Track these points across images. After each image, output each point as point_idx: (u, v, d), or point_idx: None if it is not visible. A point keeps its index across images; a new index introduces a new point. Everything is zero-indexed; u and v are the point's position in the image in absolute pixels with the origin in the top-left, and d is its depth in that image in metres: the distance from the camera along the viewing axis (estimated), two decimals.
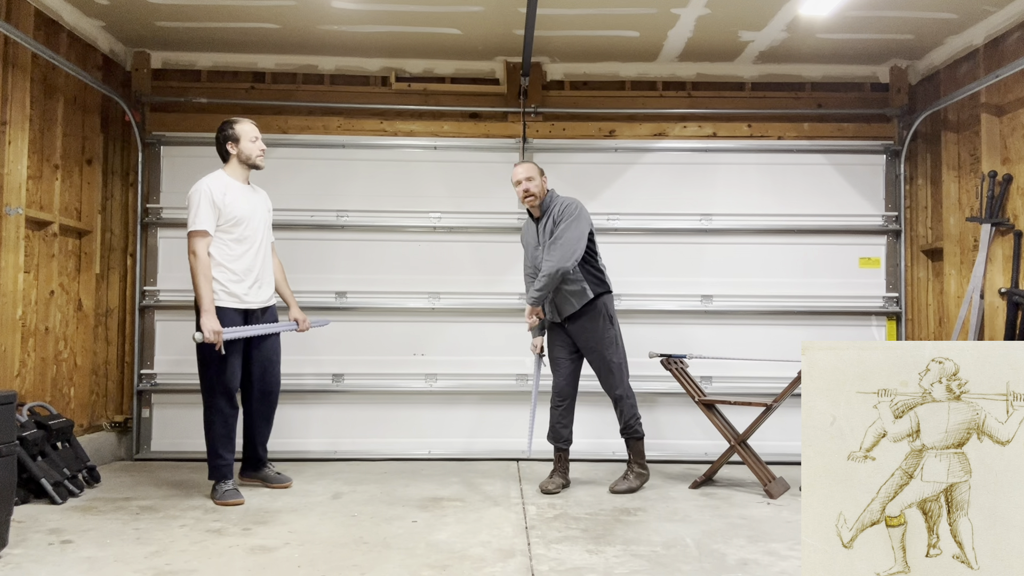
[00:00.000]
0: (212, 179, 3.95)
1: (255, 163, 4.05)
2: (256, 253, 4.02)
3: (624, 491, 4.18)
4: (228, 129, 4.01)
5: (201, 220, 3.83)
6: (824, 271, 5.36)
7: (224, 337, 3.83)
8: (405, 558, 3.01)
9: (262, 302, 4.09)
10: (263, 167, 4.11)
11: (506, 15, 4.65)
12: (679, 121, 5.45)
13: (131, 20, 4.78)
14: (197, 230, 3.83)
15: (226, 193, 3.92)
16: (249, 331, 3.97)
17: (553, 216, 4.20)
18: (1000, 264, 4.47)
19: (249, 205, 4.02)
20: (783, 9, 4.52)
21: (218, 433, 3.96)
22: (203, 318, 3.77)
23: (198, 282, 3.80)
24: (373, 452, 5.20)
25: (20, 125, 4.10)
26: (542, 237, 4.24)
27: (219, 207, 3.88)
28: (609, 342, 4.24)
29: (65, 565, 2.91)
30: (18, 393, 3.87)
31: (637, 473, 4.27)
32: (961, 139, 4.92)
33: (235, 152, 4.01)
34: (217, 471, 3.97)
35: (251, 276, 4.00)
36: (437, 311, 5.31)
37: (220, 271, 3.89)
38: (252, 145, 4.01)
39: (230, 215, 3.90)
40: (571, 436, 4.38)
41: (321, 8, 4.56)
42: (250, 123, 4.06)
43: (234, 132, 4.00)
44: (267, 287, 4.14)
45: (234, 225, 3.93)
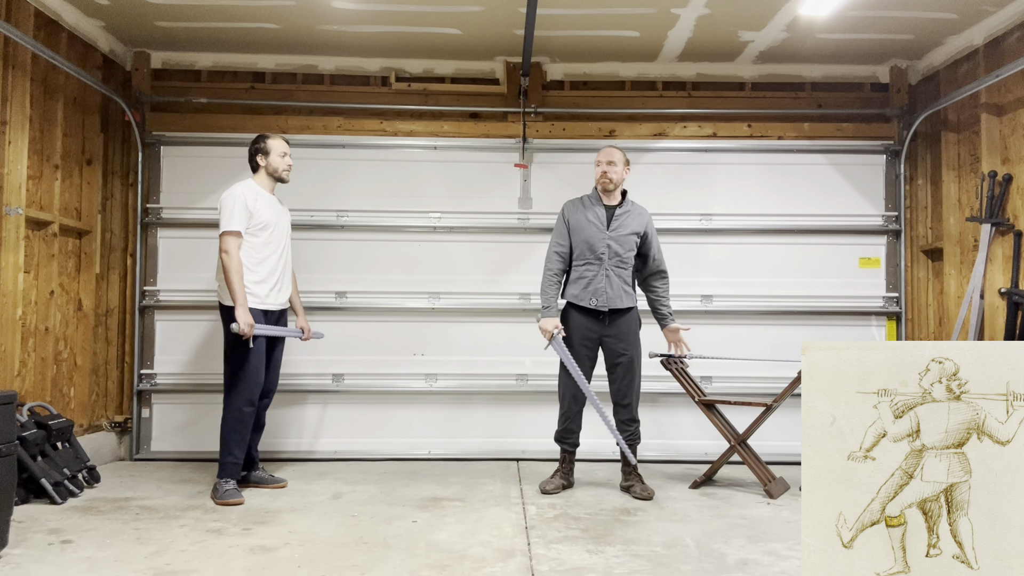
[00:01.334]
0: (244, 186, 4.14)
1: (281, 176, 4.26)
2: (279, 258, 4.21)
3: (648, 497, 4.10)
4: (261, 143, 4.22)
5: (235, 221, 4.01)
6: (824, 271, 5.36)
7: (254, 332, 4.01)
8: (405, 558, 3.01)
9: (280, 304, 4.25)
10: (288, 181, 4.31)
11: (506, 15, 4.65)
12: (679, 121, 5.45)
13: (131, 20, 4.78)
14: (231, 230, 4.00)
15: (256, 199, 4.12)
16: (273, 331, 4.15)
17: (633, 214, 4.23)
18: (1000, 264, 4.47)
19: (274, 214, 4.22)
20: (783, 9, 4.52)
21: (235, 430, 4.03)
22: (237, 311, 3.93)
23: (232, 279, 3.96)
24: (373, 452, 5.20)
25: (20, 125, 4.10)
26: (612, 224, 4.19)
27: (250, 211, 4.07)
28: (640, 354, 4.25)
29: (65, 565, 2.91)
30: (18, 393, 3.87)
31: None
32: (961, 139, 4.92)
33: (264, 164, 4.21)
34: (227, 468, 4.01)
35: (273, 279, 4.16)
36: (437, 311, 5.31)
37: (246, 272, 4.05)
38: (281, 160, 4.22)
39: (259, 220, 4.10)
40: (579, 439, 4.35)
41: (321, 8, 4.56)
42: (281, 139, 4.28)
43: (265, 146, 4.21)
44: (285, 291, 4.30)
45: (261, 230, 4.11)
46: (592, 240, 4.18)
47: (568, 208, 4.31)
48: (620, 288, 4.17)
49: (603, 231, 4.18)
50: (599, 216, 4.22)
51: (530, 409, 5.29)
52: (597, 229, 4.19)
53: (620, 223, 4.19)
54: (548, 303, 4.20)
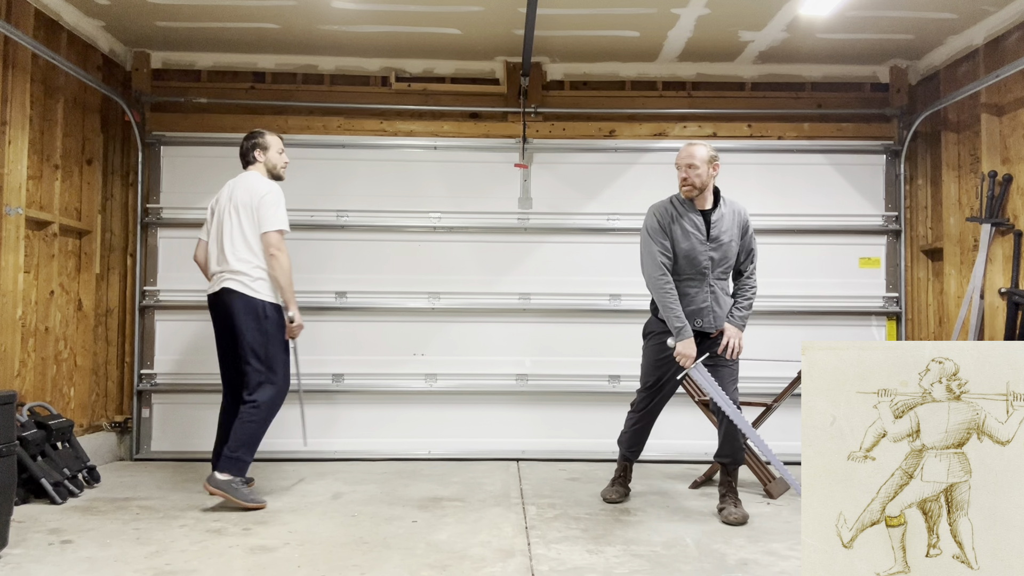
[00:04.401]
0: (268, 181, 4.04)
1: (279, 173, 4.16)
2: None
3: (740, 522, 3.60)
4: (259, 138, 4.12)
5: (285, 218, 3.95)
6: (824, 271, 5.36)
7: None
8: (405, 558, 3.01)
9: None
10: (284, 179, 4.21)
11: (506, 15, 4.65)
12: (679, 121, 5.45)
13: (131, 20, 4.78)
14: (283, 228, 3.93)
15: None
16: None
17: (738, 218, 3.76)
18: (1000, 264, 4.47)
19: None
20: (783, 9, 4.52)
21: (263, 431, 3.92)
22: (293, 310, 3.95)
23: (289, 278, 3.93)
24: (373, 452, 5.20)
25: (20, 125, 4.10)
26: (713, 231, 3.69)
27: None
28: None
29: (65, 565, 2.91)
30: (18, 393, 3.87)
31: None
32: (961, 139, 4.92)
33: (263, 160, 4.11)
34: (243, 467, 3.84)
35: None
36: (437, 311, 5.31)
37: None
38: (279, 156, 4.15)
39: None
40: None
41: (321, 8, 4.56)
42: (278, 138, 4.20)
43: (264, 141, 4.11)
44: None
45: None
46: (693, 251, 3.67)
47: (660, 213, 3.76)
48: (726, 302, 3.75)
49: (706, 242, 3.69)
50: (696, 226, 3.70)
51: (530, 409, 5.29)
52: (700, 241, 3.68)
53: (719, 230, 3.70)
54: (683, 322, 3.61)
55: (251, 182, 3.97)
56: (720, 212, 3.74)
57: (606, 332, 5.27)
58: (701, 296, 3.71)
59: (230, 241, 3.91)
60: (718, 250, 3.70)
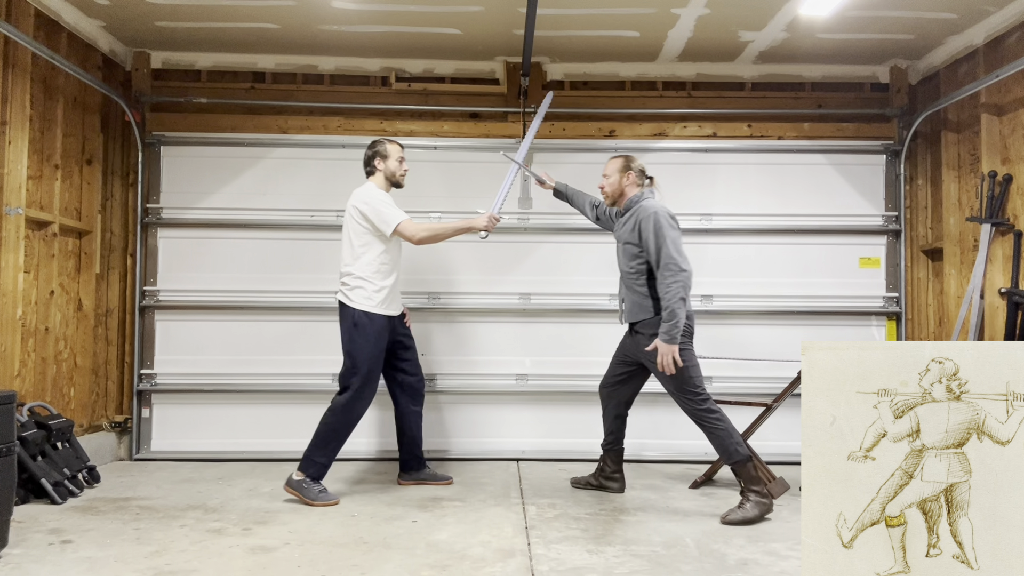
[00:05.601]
0: (376, 190, 4.10)
1: (398, 181, 4.22)
2: (399, 268, 4.21)
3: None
4: (379, 146, 4.18)
5: (398, 211, 4.03)
6: (824, 271, 5.36)
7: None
8: (405, 558, 3.01)
9: (396, 310, 4.21)
10: (404, 187, 4.27)
11: (506, 15, 4.65)
12: (679, 121, 5.45)
13: (131, 20, 4.78)
14: (402, 220, 4.00)
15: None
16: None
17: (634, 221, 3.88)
18: (1000, 264, 4.47)
19: None
20: (783, 9, 4.52)
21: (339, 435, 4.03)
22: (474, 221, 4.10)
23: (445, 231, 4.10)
24: (373, 452, 5.20)
25: (20, 125, 4.10)
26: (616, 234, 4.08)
27: None
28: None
29: (65, 565, 2.91)
30: (18, 393, 3.87)
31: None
32: (961, 139, 4.92)
33: (382, 168, 4.17)
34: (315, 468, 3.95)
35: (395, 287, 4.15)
36: (437, 311, 5.30)
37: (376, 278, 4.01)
38: (398, 164, 4.19)
39: None
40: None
41: (321, 8, 4.56)
42: (398, 144, 4.23)
43: (384, 149, 4.17)
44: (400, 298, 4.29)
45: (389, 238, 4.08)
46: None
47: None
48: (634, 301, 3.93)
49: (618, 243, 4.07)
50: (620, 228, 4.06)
51: (530, 409, 5.29)
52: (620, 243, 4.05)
53: (617, 234, 4.06)
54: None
55: (356, 193, 4.09)
56: (624, 217, 4.02)
57: (606, 332, 5.26)
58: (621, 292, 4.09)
59: (342, 250, 4.09)
60: (618, 251, 4.07)
